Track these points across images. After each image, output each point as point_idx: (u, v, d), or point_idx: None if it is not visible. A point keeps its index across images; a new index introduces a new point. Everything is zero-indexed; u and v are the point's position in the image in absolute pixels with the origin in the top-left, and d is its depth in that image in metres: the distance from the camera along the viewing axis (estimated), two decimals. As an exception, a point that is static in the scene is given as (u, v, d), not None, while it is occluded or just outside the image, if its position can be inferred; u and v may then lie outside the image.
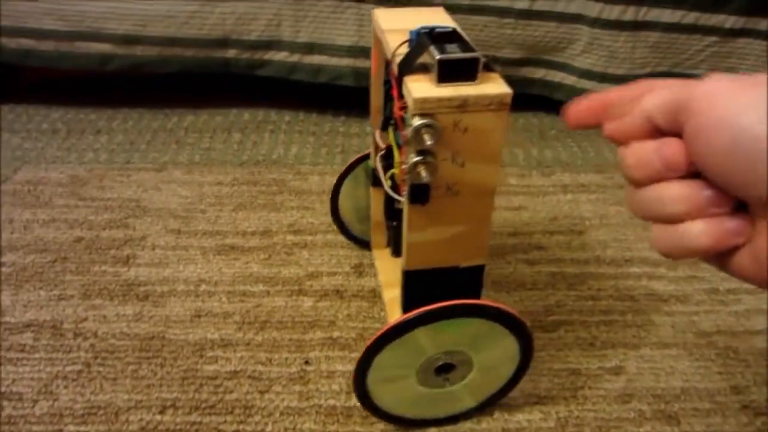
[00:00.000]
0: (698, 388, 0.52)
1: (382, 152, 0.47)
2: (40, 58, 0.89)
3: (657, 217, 0.27)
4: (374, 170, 0.56)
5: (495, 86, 0.35)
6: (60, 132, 0.89)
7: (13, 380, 0.50)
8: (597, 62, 0.87)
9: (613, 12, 0.83)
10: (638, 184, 0.27)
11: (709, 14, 0.83)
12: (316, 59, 0.88)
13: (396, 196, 0.43)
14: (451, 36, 0.37)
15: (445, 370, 0.45)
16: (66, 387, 0.50)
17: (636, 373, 0.53)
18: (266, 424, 0.47)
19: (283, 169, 0.81)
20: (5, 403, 0.48)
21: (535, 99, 0.96)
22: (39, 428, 0.46)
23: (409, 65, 0.36)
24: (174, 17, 0.85)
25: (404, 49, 0.38)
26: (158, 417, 0.47)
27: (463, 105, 0.34)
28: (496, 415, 0.49)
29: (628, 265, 0.65)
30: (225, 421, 0.47)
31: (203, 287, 0.60)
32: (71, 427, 0.46)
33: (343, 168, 0.60)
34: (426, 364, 0.44)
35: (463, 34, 0.39)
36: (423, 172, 0.36)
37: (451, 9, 0.83)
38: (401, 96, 0.37)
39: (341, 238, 0.67)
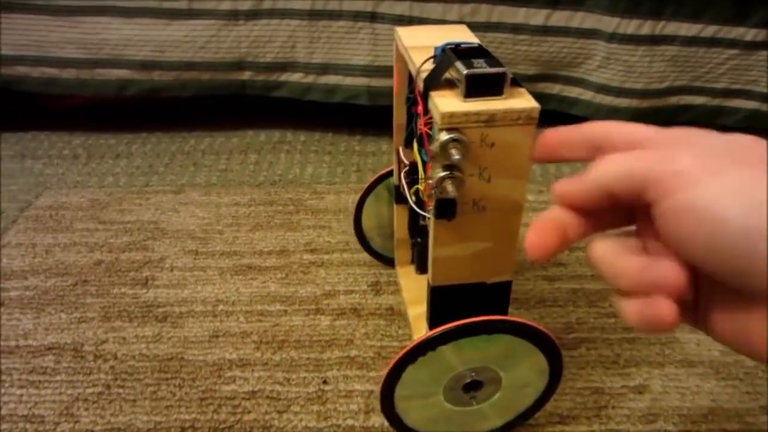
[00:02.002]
0: (726, 408, 0.50)
1: (406, 168, 0.48)
2: (62, 85, 0.91)
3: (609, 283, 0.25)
4: (397, 187, 0.56)
5: (522, 101, 0.35)
6: (80, 157, 0.90)
7: (35, 403, 0.50)
8: (614, 77, 0.87)
9: (630, 26, 0.83)
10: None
11: (729, 27, 0.82)
12: (331, 79, 0.89)
13: (421, 212, 0.42)
14: (476, 51, 0.37)
15: (473, 387, 0.44)
16: (87, 409, 0.50)
17: (661, 391, 0.51)
18: (285, 445, 0.47)
19: (300, 189, 0.81)
20: (28, 425, 0.48)
21: (551, 115, 0.95)
22: (59, 451, 0.46)
23: (435, 80, 0.36)
24: (191, 42, 0.87)
25: (429, 65, 0.38)
26: (177, 439, 0.47)
27: (490, 119, 0.34)
28: (518, 435, 0.48)
29: (650, 280, 0.64)
30: (243, 443, 0.47)
31: (221, 307, 0.60)
32: (91, 450, 0.46)
33: (364, 186, 0.60)
34: (453, 381, 0.43)
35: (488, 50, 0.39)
36: (450, 187, 0.35)
37: (466, 26, 0.84)
38: (426, 111, 0.37)
39: (357, 256, 0.67)
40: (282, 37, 0.86)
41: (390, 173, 0.59)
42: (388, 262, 0.65)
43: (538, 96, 1.04)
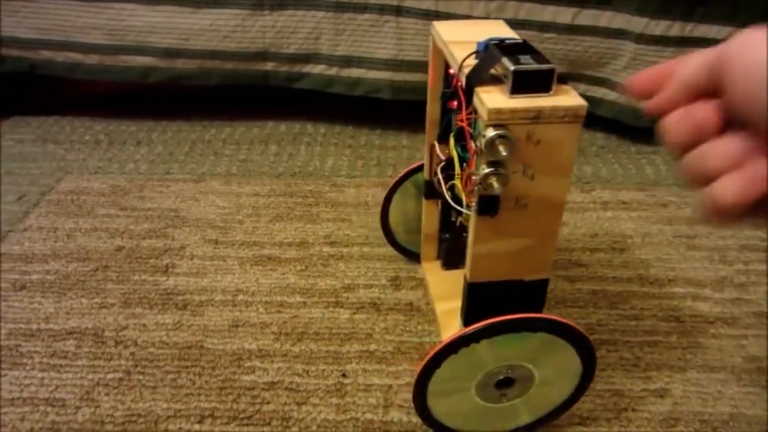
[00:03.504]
0: (747, 415, 0.49)
1: (442, 164, 0.47)
2: (85, 71, 0.91)
3: (702, 178, 0.26)
4: (427, 182, 0.56)
5: (569, 98, 0.35)
6: (102, 143, 0.91)
7: (56, 386, 0.51)
8: (639, 77, 0.86)
9: (659, 27, 0.82)
10: (681, 150, 0.27)
11: (760, 30, 0.81)
12: (354, 72, 0.88)
13: (459, 208, 0.42)
14: (522, 48, 0.36)
15: (505, 384, 0.44)
16: (107, 394, 0.50)
17: (682, 396, 0.51)
18: (303, 437, 0.47)
19: (319, 181, 0.81)
20: (49, 408, 0.49)
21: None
22: (81, 435, 0.47)
23: (479, 76, 0.36)
24: (216, 31, 0.87)
25: (471, 61, 0.37)
26: (197, 426, 0.47)
27: (537, 117, 0.34)
28: (538, 435, 0.48)
29: (672, 284, 0.63)
30: (261, 433, 0.47)
31: (241, 297, 0.61)
32: (112, 435, 0.47)
33: (384, 180, 0.61)
34: (486, 378, 0.43)
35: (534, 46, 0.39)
36: (495, 184, 0.35)
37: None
38: (467, 107, 0.37)
39: (377, 250, 0.66)
40: (307, 28, 0.86)
41: (418, 168, 0.58)
42: (413, 256, 0.65)
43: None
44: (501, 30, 0.44)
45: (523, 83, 0.34)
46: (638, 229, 0.72)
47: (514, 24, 0.85)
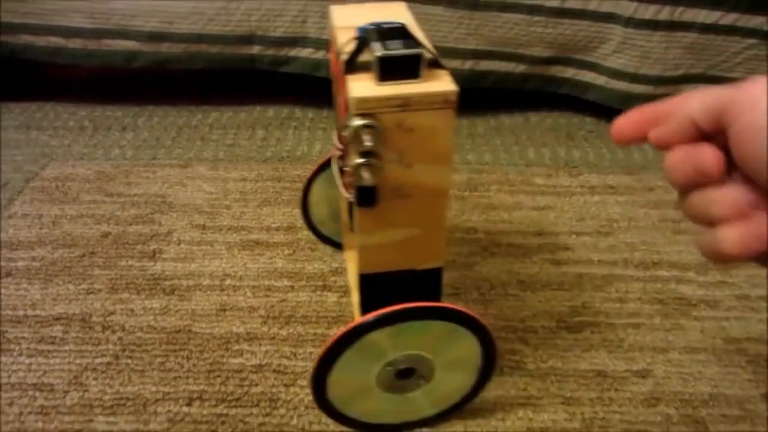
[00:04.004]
0: (727, 395, 0.50)
1: (339, 153, 0.46)
2: (68, 55, 0.90)
3: (704, 220, 0.26)
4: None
5: (440, 84, 0.33)
6: (86, 129, 0.90)
7: (44, 372, 0.51)
8: (629, 63, 0.86)
9: (648, 11, 0.82)
10: (682, 189, 0.27)
11: (749, 16, 0.81)
12: (341, 57, 0.88)
13: (351, 199, 0.41)
14: (397, 32, 0.35)
15: (406, 374, 0.43)
16: (95, 379, 0.50)
17: (663, 376, 0.52)
18: (291, 417, 0.47)
19: (307, 166, 0.81)
20: (37, 393, 0.49)
21: (562, 99, 0.95)
22: (70, 419, 0.47)
23: (352, 63, 0.35)
24: (200, 14, 0.86)
25: (351, 47, 0.36)
26: (185, 409, 0.48)
27: (405, 104, 0.33)
28: (521, 414, 0.48)
29: (657, 268, 0.64)
30: (251, 414, 0.47)
31: (228, 282, 0.61)
32: (101, 418, 0.47)
33: (312, 169, 0.58)
34: (387, 369, 0.42)
35: (414, 29, 0.37)
36: (365, 174, 0.34)
37: (481, 6, 0.83)
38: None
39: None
40: (293, 11, 0.85)
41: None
42: (338, 246, 0.64)
43: (550, 80, 1.04)
44: (397, 13, 0.42)
45: (390, 69, 0.33)
46: (625, 213, 0.73)
47: (503, 7, 0.85)
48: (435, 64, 0.34)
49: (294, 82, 0.95)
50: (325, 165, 0.58)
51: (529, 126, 0.93)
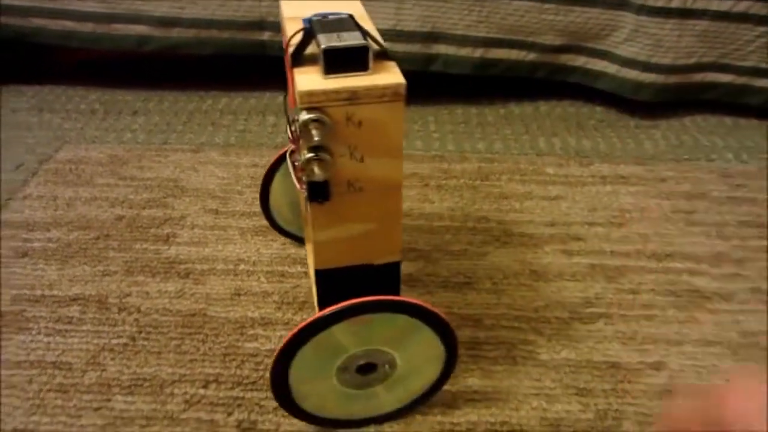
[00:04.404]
0: (741, 387, 0.51)
1: (293, 148, 0.46)
2: (79, 39, 0.90)
3: None
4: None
5: (388, 76, 0.33)
6: (98, 112, 0.90)
7: (63, 351, 0.51)
8: (641, 51, 0.86)
9: (660, -1, 0.81)
10: None
11: (762, 3, 0.81)
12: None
13: (305, 194, 0.41)
14: (344, 23, 0.34)
15: (367, 369, 0.43)
16: (113, 359, 0.51)
17: (678, 369, 0.52)
18: (306, 403, 0.48)
19: (319, 153, 0.81)
20: (56, 372, 0.49)
21: (572, 87, 0.94)
22: (88, 397, 0.47)
23: (299, 56, 0.34)
24: (212, -1, 0.85)
25: (298, 39, 0.35)
26: (201, 391, 0.48)
27: (352, 97, 0.32)
28: (535, 404, 0.49)
29: (670, 259, 0.64)
30: (266, 398, 0.48)
31: (242, 267, 0.61)
32: (119, 398, 0.47)
33: (269, 163, 0.57)
34: (347, 363, 0.42)
35: (362, 21, 0.36)
36: (316, 169, 0.34)
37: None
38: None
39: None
40: (306, -3, 0.85)
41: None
42: (298, 240, 0.64)
43: (561, 68, 1.04)
44: (347, 5, 0.41)
45: (336, 62, 0.32)
46: (637, 203, 0.72)
47: (515, -6, 0.85)
48: (383, 56, 0.34)
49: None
50: (282, 158, 0.57)
51: (539, 115, 0.93)
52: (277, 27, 0.87)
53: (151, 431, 0.45)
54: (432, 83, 0.96)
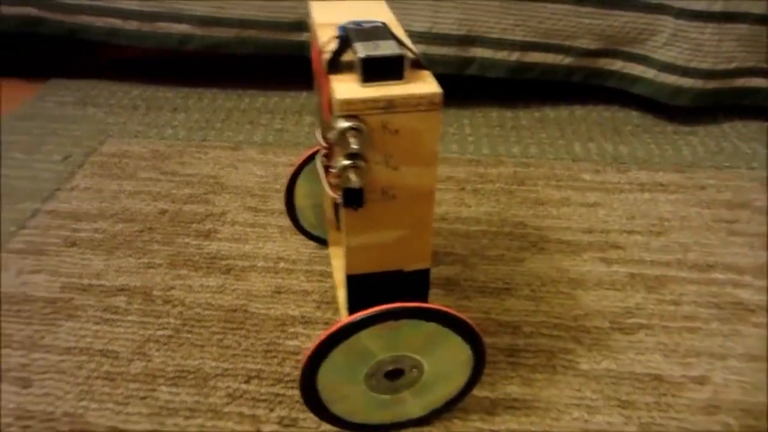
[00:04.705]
0: (788, 406, 0.50)
1: (324, 151, 0.46)
2: (124, 36, 0.92)
3: None
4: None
5: (424, 85, 0.33)
6: (140, 108, 0.92)
7: (110, 339, 0.53)
8: (680, 55, 0.85)
9: (701, 2, 0.80)
10: None
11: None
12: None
13: (336, 199, 0.41)
14: (379, 31, 0.35)
15: (394, 375, 0.43)
16: (158, 350, 0.52)
17: (722, 384, 0.51)
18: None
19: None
20: (104, 359, 0.51)
21: (608, 92, 0.93)
22: (135, 386, 0.49)
23: (335, 63, 0.34)
24: (252, 0, 0.86)
25: (333, 46, 0.36)
26: (244, 386, 0.49)
27: (389, 106, 0.33)
28: (576, 414, 0.48)
29: (712, 270, 0.63)
30: (308, 396, 0.48)
31: (282, 265, 0.62)
32: (164, 388, 0.48)
33: (295, 165, 0.58)
34: (375, 369, 0.42)
35: (394, 28, 0.36)
36: (352, 177, 0.34)
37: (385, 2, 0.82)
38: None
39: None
40: (347, -2, 0.85)
41: (316, 153, 0.56)
42: (322, 242, 0.64)
43: (597, 72, 1.03)
44: (376, 10, 0.41)
45: (373, 71, 0.32)
46: (676, 211, 0.72)
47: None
48: (417, 65, 0.34)
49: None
50: (309, 159, 0.57)
51: (575, 119, 0.92)
52: (317, 28, 0.88)
53: (194, 423, 0.46)
54: (467, 86, 0.96)
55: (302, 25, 0.88)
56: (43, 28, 0.92)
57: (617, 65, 0.90)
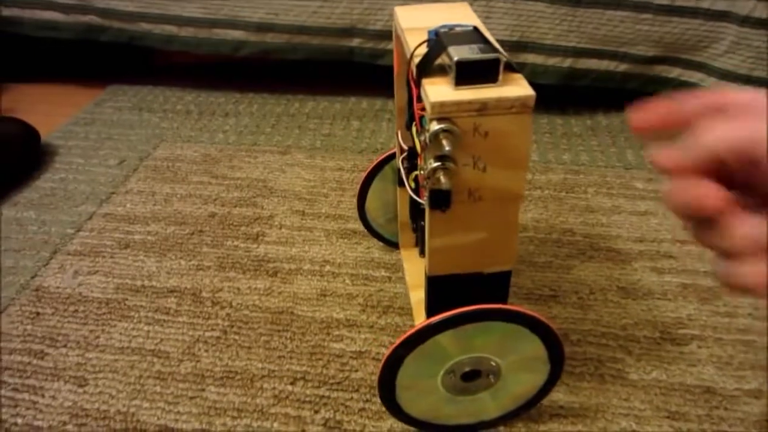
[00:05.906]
0: None
1: (405, 153, 0.46)
2: (180, 43, 0.95)
3: (720, 250, 0.25)
4: (398, 170, 0.55)
5: (517, 88, 0.33)
6: (192, 113, 0.95)
7: (161, 339, 0.54)
8: (741, 64, 0.81)
9: (767, 10, 0.77)
10: (686, 218, 0.26)
11: None
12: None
13: (419, 200, 0.41)
14: (471, 35, 0.35)
15: (471, 376, 0.43)
16: (206, 351, 0.53)
17: (779, 399, 0.49)
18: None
19: (402, 159, 0.82)
20: (155, 359, 0.52)
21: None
22: (184, 386, 0.50)
23: (427, 67, 0.34)
24: (305, 6, 0.88)
25: (423, 50, 0.36)
26: (289, 387, 0.50)
27: (482, 108, 0.33)
28: (624, 424, 0.47)
29: (771, 282, 0.60)
30: (351, 398, 0.49)
31: (328, 268, 0.62)
32: (212, 388, 0.50)
33: (369, 167, 0.58)
34: (452, 370, 0.42)
35: (485, 32, 0.36)
36: (442, 178, 0.34)
37: (585, 3, 0.81)
38: (419, 98, 0.35)
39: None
40: (393, 4, 0.86)
41: (394, 154, 0.57)
42: (392, 244, 0.64)
43: (654, 79, 1.00)
44: (462, 14, 0.41)
45: (467, 74, 0.32)
46: (734, 223, 0.69)
47: (607, 4, 0.83)
48: (509, 68, 0.34)
49: (388, 74, 0.96)
50: (381, 164, 0.58)
51: (627, 127, 0.90)
52: (365, 34, 0.89)
53: (241, 423, 0.47)
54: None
55: (353, 31, 0.89)
56: (105, 35, 0.96)
57: (675, 72, 0.87)
